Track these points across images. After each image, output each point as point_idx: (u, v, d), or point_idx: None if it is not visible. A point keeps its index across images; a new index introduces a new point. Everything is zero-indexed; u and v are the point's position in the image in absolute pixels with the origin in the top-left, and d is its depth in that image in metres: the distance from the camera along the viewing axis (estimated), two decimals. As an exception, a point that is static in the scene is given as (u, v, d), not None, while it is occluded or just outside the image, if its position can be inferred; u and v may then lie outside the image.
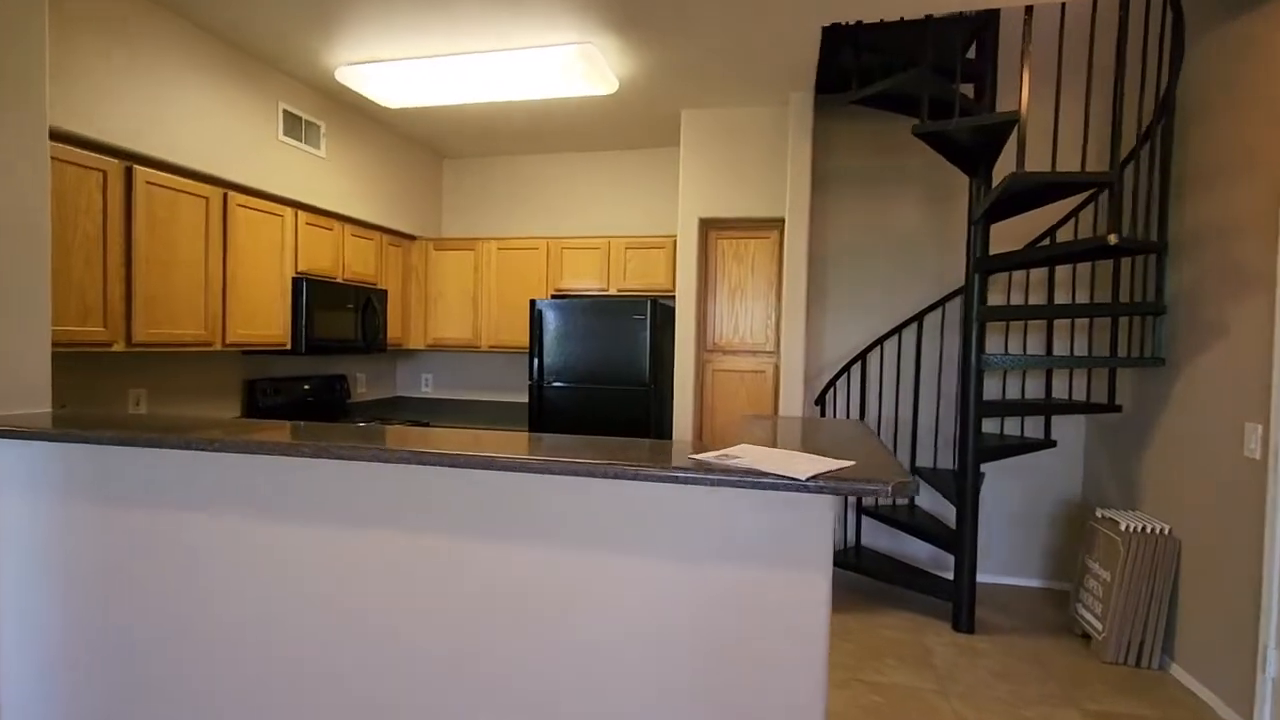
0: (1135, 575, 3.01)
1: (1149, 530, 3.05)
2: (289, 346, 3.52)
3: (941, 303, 3.93)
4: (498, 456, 1.43)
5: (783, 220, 3.80)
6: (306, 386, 3.97)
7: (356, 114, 3.99)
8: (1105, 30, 3.57)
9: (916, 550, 4.20)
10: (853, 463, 1.37)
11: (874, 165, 4.20)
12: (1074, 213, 3.56)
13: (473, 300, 4.52)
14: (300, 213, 3.56)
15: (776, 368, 3.90)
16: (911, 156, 4.15)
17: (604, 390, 3.87)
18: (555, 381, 3.94)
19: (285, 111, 3.47)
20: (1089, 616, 3.25)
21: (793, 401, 3.59)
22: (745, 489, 1.24)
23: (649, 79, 3.39)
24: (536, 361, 3.94)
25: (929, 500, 4.15)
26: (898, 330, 4.00)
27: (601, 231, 4.70)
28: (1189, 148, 2.93)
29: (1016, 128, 2.69)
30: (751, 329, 3.91)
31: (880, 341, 4.01)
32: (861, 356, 4.01)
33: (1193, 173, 2.91)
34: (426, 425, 4.36)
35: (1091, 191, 3.49)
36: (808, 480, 1.24)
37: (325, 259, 3.77)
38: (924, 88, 2.90)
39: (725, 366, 3.94)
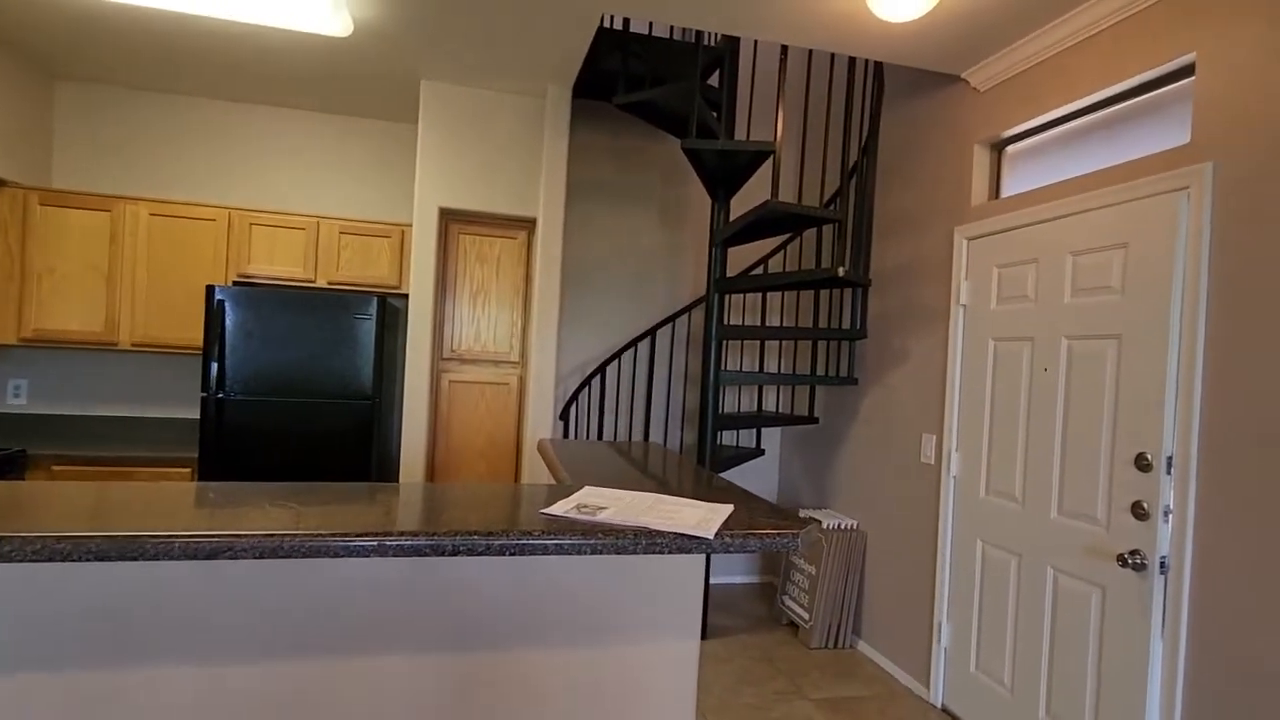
0: (836, 568, 3.43)
1: (844, 526, 3.51)
2: None
3: (672, 318, 4.07)
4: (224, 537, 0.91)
5: (533, 221, 3.54)
6: None
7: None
8: (818, 90, 4.08)
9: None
10: (731, 507, 1.18)
11: (614, 179, 4.19)
12: (783, 245, 3.99)
13: (107, 280, 3.31)
14: None
15: (521, 380, 3.61)
16: (648, 174, 4.24)
17: (313, 405, 3.13)
18: (241, 394, 3.06)
19: None
20: (796, 607, 3.63)
21: (542, 417, 3.33)
22: (635, 553, 0.97)
23: (389, 33, 2.84)
24: (215, 366, 3.02)
25: (657, 510, 4.24)
26: (633, 344, 4.03)
27: (309, 209, 3.86)
28: (886, 198, 3.46)
29: (772, 158, 2.87)
30: (495, 336, 3.55)
31: (619, 354, 3.99)
32: (601, 369, 3.94)
33: (887, 220, 3.44)
34: (20, 454, 3.05)
35: (799, 230, 3.96)
36: (715, 538, 1.01)
37: None
38: (693, 104, 2.92)
39: (464, 377, 3.51)
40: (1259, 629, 1.75)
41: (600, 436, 3.95)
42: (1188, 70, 2.08)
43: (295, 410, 3.11)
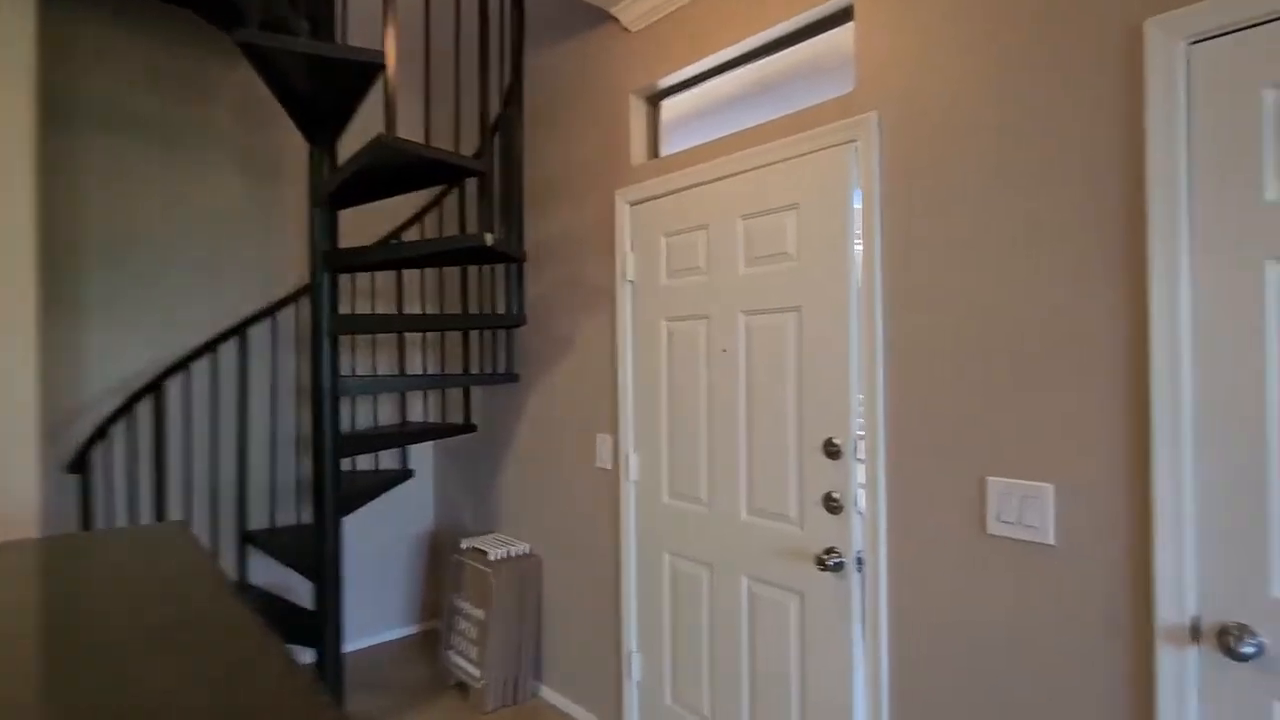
0: (508, 606, 2.81)
1: (515, 554, 2.91)
2: None
3: (273, 309, 3.00)
4: None
5: (-19, 152, 2.12)
6: None
7: None
8: (444, 29, 3.34)
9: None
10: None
11: (168, 113, 2.90)
12: (419, 216, 3.21)
13: None
14: None
15: (-23, 417, 2.17)
16: (223, 109, 3.04)
17: None
18: None
19: None
20: (464, 663, 2.91)
21: (18, 475, 2.00)
22: None
23: None
24: None
25: (265, 573, 3.12)
26: (212, 347, 2.85)
27: None
28: (539, 157, 2.91)
29: (383, 82, 2.07)
30: (-92, 347, 2.05)
31: (186, 362, 2.78)
32: (155, 386, 2.68)
33: (542, 183, 2.90)
34: None
35: (442, 192, 3.21)
36: None
37: None
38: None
39: None
40: (956, 629, 1.60)
41: (158, 488, 2.68)
42: (849, 12, 1.89)
43: None
